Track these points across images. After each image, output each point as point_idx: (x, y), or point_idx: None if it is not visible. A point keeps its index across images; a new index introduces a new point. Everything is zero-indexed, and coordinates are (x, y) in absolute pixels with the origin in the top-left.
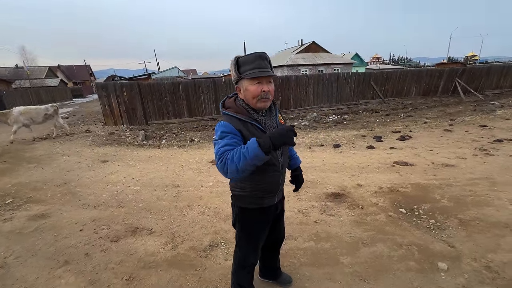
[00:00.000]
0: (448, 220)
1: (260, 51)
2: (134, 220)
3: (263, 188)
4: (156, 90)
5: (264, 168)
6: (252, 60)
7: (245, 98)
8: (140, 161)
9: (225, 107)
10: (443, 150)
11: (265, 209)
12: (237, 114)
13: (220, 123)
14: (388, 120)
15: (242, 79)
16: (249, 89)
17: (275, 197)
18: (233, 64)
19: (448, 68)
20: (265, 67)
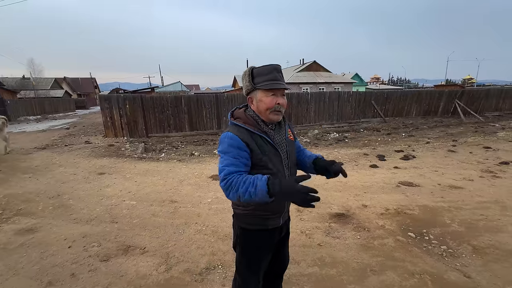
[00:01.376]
0: (461, 247)
1: (275, 63)
2: (127, 238)
3: (268, 208)
4: (159, 103)
5: None
6: (267, 71)
7: (257, 109)
8: (138, 174)
9: (234, 117)
10: (449, 171)
11: (269, 231)
12: (246, 124)
13: (227, 134)
14: (390, 139)
15: (256, 89)
16: (263, 100)
17: (281, 218)
18: (247, 74)
19: (447, 90)
20: (280, 79)
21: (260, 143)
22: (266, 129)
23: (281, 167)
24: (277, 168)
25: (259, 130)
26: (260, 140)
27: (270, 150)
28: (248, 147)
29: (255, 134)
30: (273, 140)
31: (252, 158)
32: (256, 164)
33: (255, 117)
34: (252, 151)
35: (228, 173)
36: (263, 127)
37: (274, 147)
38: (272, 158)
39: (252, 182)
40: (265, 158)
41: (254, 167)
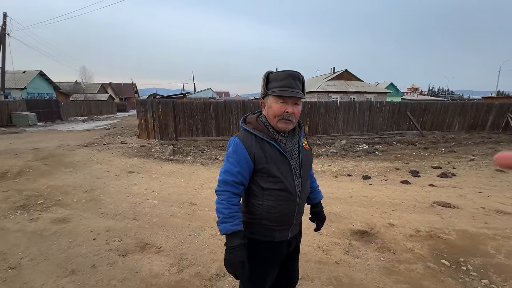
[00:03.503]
0: (507, 284)
1: (293, 70)
2: (146, 236)
3: (275, 218)
4: (188, 108)
5: (278, 194)
6: (282, 77)
7: (267, 115)
8: (163, 175)
9: (245, 122)
10: (496, 193)
11: (276, 244)
12: (255, 130)
13: (235, 140)
14: (426, 154)
15: (268, 95)
16: (272, 106)
17: (289, 231)
18: (263, 79)
19: (498, 102)
20: (295, 87)
21: (267, 150)
22: (276, 136)
23: (289, 176)
24: (284, 176)
25: (268, 137)
26: (268, 146)
27: (277, 158)
28: (252, 156)
29: (263, 140)
30: (283, 147)
31: (256, 165)
32: (261, 171)
33: (266, 123)
34: (256, 158)
35: (223, 182)
36: (273, 133)
37: (283, 154)
38: (280, 166)
39: (227, 216)
40: (271, 165)
41: (261, 174)
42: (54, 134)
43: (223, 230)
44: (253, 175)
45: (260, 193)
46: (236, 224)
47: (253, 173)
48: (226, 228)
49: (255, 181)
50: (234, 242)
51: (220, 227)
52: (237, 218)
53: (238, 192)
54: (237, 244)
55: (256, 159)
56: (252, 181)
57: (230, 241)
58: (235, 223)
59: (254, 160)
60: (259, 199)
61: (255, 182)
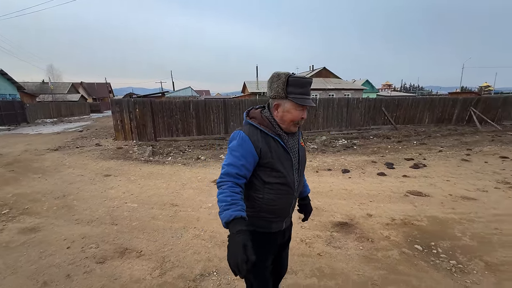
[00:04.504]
0: (471, 262)
1: (307, 76)
2: (125, 240)
3: (273, 210)
4: (167, 107)
5: (278, 188)
6: (302, 84)
7: (281, 118)
8: (142, 177)
9: (249, 116)
10: (461, 181)
11: (272, 234)
12: (261, 125)
13: (240, 133)
14: (400, 146)
15: (287, 99)
16: (292, 112)
17: (283, 222)
18: (282, 81)
19: (462, 97)
20: (309, 94)
21: (272, 146)
22: (280, 132)
23: (291, 171)
24: (287, 172)
25: (273, 133)
26: (273, 142)
27: (281, 153)
28: (258, 150)
29: (268, 136)
30: (286, 144)
31: (261, 159)
32: (265, 165)
33: (271, 119)
34: (262, 153)
35: (226, 174)
36: (277, 130)
37: (286, 150)
38: (283, 161)
39: (229, 203)
40: (275, 160)
41: (264, 169)
42: (19, 138)
43: (225, 218)
44: (255, 169)
45: (261, 187)
46: (239, 210)
47: (256, 167)
48: (228, 214)
49: (257, 175)
50: (236, 227)
51: (221, 216)
52: (240, 205)
53: (240, 183)
54: (239, 230)
55: (262, 154)
56: (253, 175)
57: (231, 228)
58: (237, 208)
59: (260, 154)
60: (259, 193)
61: (257, 176)
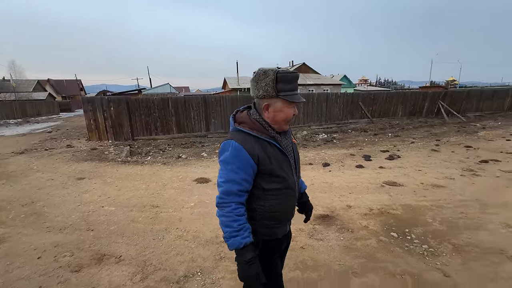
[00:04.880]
0: (441, 246)
1: (294, 71)
2: (103, 246)
3: (276, 216)
4: (145, 105)
5: (281, 192)
6: (291, 80)
7: (273, 118)
8: (119, 179)
9: (237, 121)
10: (431, 170)
11: (279, 240)
12: (253, 130)
13: (232, 144)
14: (376, 139)
15: (278, 98)
16: (284, 111)
17: (287, 225)
18: (270, 79)
19: (431, 91)
20: (297, 89)
21: (269, 150)
22: (273, 134)
23: (290, 172)
24: (287, 174)
25: (267, 136)
26: (269, 146)
27: (279, 157)
28: (255, 159)
29: (263, 140)
30: (282, 145)
31: (259, 167)
32: (264, 173)
33: (261, 121)
34: (260, 160)
35: (226, 193)
36: (270, 132)
37: (283, 152)
38: (282, 164)
39: (236, 229)
40: (275, 166)
41: (263, 176)
42: None
43: (233, 245)
44: (255, 178)
45: (262, 195)
46: (247, 237)
47: (255, 176)
48: (236, 242)
49: (256, 183)
50: (247, 256)
51: (229, 242)
52: (246, 229)
53: (243, 201)
54: (250, 258)
55: (260, 162)
56: (253, 185)
57: (242, 256)
58: (245, 235)
59: (258, 162)
60: (260, 201)
61: (256, 184)
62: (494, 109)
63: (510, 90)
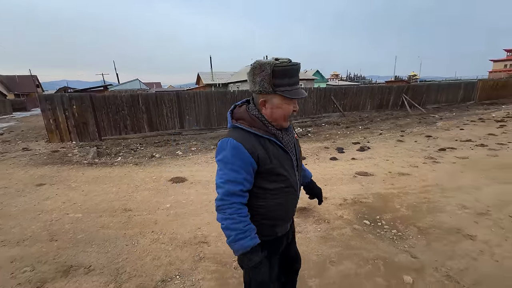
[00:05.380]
0: (408, 229)
1: (290, 60)
2: (69, 257)
3: (277, 216)
4: (112, 102)
5: (283, 191)
6: (291, 73)
7: (271, 115)
8: (86, 183)
9: (235, 117)
10: (398, 159)
11: (278, 239)
12: (253, 128)
13: (229, 141)
14: (348, 132)
15: (275, 93)
16: (282, 107)
17: (288, 224)
18: (267, 73)
19: (396, 85)
20: (299, 82)
21: (270, 149)
22: (274, 131)
23: (292, 171)
24: (289, 173)
25: (267, 133)
26: (270, 144)
27: (281, 155)
28: (255, 158)
29: (263, 138)
30: (283, 142)
31: (260, 166)
32: (265, 172)
33: (261, 118)
34: (260, 159)
35: (228, 194)
36: (271, 129)
37: (285, 150)
38: (283, 162)
39: (241, 231)
40: (276, 165)
41: (264, 175)
42: None
43: (240, 249)
44: (255, 177)
45: (263, 194)
46: (253, 238)
47: (255, 175)
48: (243, 245)
49: (257, 183)
50: (255, 259)
51: (235, 246)
52: (252, 230)
53: (245, 201)
54: (260, 261)
55: (260, 161)
56: (253, 184)
57: (250, 259)
58: (251, 236)
59: (258, 162)
60: (261, 201)
61: (257, 184)
62: (449, 101)
63: (462, 84)
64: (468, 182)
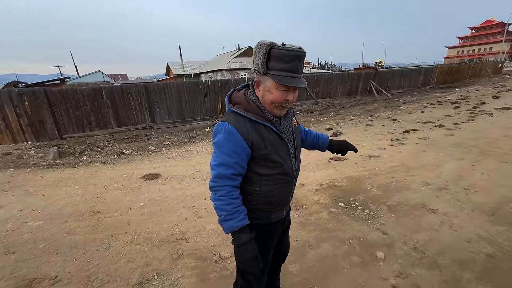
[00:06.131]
0: (379, 208)
1: (299, 47)
2: (30, 269)
3: (272, 201)
4: (72, 97)
5: (276, 178)
6: (289, 58)
7: (261, 97)
8: (46, 187)
9: (232, 102)
10: (368, 143)
11: (273, 224)
12: (248, 113)
13: (224, 125)
14: (321, 118)
15: (267, 75)
16: (272, 92)
17: (283, 210)
18: (263, 53)
19: (363, 72)
20: (299, 72)
21: (265, 135)
22: (271, 117)
23: (288, 158)
24: (283, 160)
25: (263, 119)
26: (265, 130)
27: (276, 141)
28: (249, 143)
29: (258, 123)
30: (280, 129)
31: (254, 152)
32: (259, 158)
33: (258, 103)
34: (254, 145)
35: (220, 176)
36: (267, 115)
37: (281, 136)
38: (278, 149)
39: (230, 212)
40: (270, 151)
41: (258, 161)
42: None
43: (229, 229)
44: (249, 162)
45: (257, 179)
46: (242, 219)
47: (250, 160)
48: (232, 226)
49: (251, 168)
50: (242, 238)
51: (224, 226)
52: (241, 212)
53: (237, 184)
54: (246, 240)
55: (254, 146)
56: (248, 169)
57: (237, 238)
58: (240, 218)
59: (252, 147)
60: (256, 186)
61: (251, 169)
62: (411, 86)
63: (422, 69)
64: (429, 161)
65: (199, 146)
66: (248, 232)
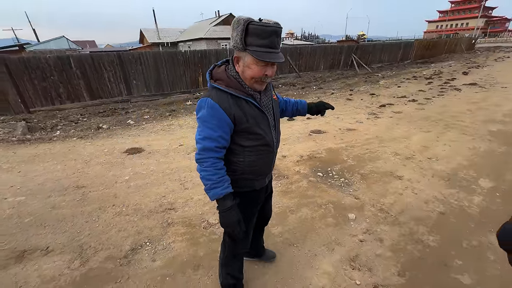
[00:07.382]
0: (353, 177)
1: (275, 22)
2: (19, 242)
3: (255, 170)
4: (35, 67)
5: (258, 149)
6: (266, 34)
7: (242, 73)
8: (22, 163)
9: (213, 78)
10: (346, 116)
11: (256, 191)
12: (229, 88)
13: (207, 101)
14: (303, 92)
15: (245, 51)
16: (251, 67)
17: (266, 178)
18: (240, 29)
19: (346, 45)
20: (277, 47)
21: (246, 109)
22: (251, 92)
23: (268, 130)
24: (265, 132)
25: (244, 94)
26: (246, 104)
27: (257, 115)
28: (231, 117)
29: (239, 98)
30: (260, 103)
31: (236, 126)
32: (242, 131)
33: (239, 79)
34: (236, 119)
35: (204, 149)
36: (248, 90)
37: (261, 110)
38: (259, 122)
39: (215, 181)
40: (252, 124)
41: (241, 134)
42: None
43: (214, 196)
44: (232, 135)
45: (241, 151)
46: (226, 187)
47: (233, 134)
48: (217, 193)
49: (235, 140)
50: (227, 204)
51: (209, 194)
52: (226, 181)
53: (221, 156)
54: (230, 206)
55: (236, 120)
56: (232, 141)
57: (222, 204)
58: (224, 186)
59: (234, 121)
60: (240, 157)
61: (235, 141)
62: (391, 61)
63: (402, 44)
64: (400, 133)
65: (181, 120)
66: (231, 199)
